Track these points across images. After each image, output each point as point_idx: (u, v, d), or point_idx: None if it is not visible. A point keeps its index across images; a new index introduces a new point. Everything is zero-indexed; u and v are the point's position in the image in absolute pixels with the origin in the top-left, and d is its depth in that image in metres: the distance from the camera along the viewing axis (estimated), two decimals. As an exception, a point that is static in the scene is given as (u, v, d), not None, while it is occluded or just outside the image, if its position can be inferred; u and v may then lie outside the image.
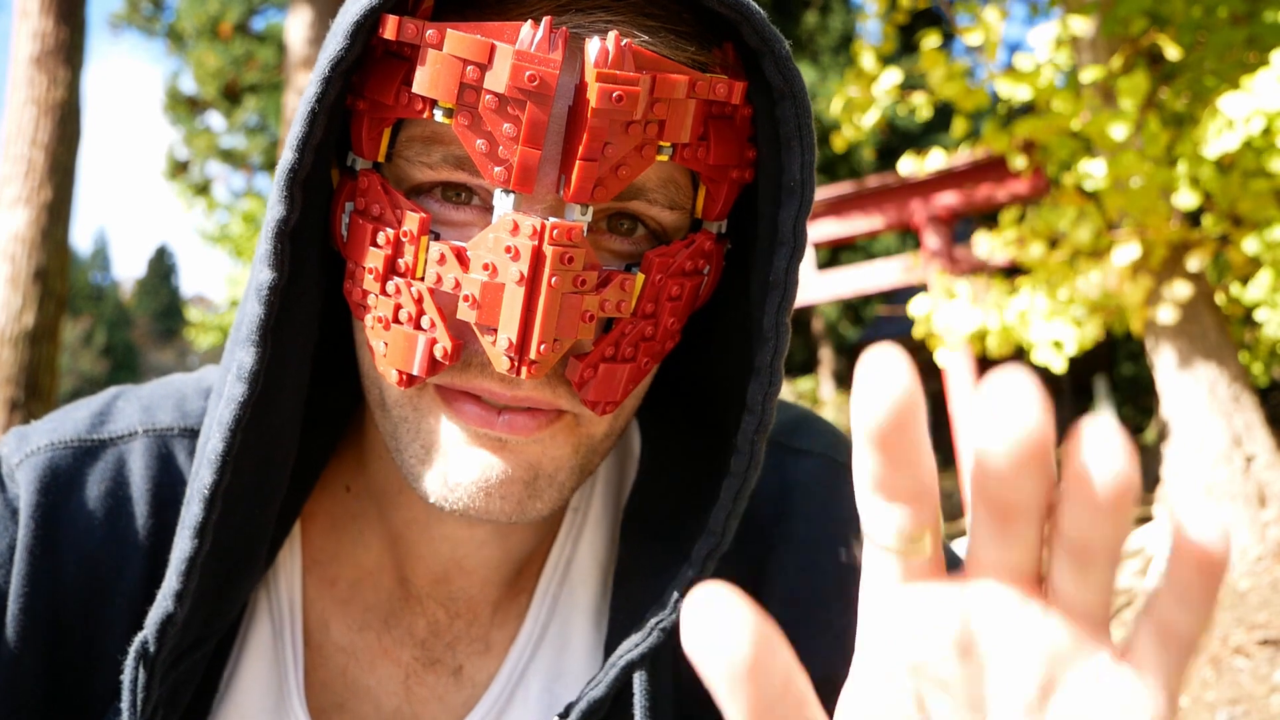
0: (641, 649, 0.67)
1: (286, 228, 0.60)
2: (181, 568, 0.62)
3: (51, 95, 5.73)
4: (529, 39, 0.56)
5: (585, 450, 0.67)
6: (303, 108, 0.59)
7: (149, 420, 0.75)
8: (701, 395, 0.78)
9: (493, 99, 0.56)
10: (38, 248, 5.54)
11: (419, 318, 0.62)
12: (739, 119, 0.64)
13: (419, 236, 0.61)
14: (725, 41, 0.63)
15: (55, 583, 0.69)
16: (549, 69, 0.55)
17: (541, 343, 0.57)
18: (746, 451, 0.66)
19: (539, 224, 0.57)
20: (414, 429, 0.65)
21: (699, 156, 0.62)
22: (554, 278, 0.57)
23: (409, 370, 0.62)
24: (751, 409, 0.65)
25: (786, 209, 0.63)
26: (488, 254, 0.58)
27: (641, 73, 0.57)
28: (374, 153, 0.62)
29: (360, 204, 0.63)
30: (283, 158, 0.60)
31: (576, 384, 0.63)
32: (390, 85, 0.60)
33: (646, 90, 0.57)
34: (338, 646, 0.76)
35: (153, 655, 0.63)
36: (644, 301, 0.64)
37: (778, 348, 0.64)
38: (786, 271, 0.63)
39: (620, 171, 0.59)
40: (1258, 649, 4.28)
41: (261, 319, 0.60)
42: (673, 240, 0.66)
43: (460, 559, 0.76)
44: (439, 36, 0.57)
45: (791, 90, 0.61)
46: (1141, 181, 4.53)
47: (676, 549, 0.71)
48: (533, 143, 0.56)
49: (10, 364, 5.37)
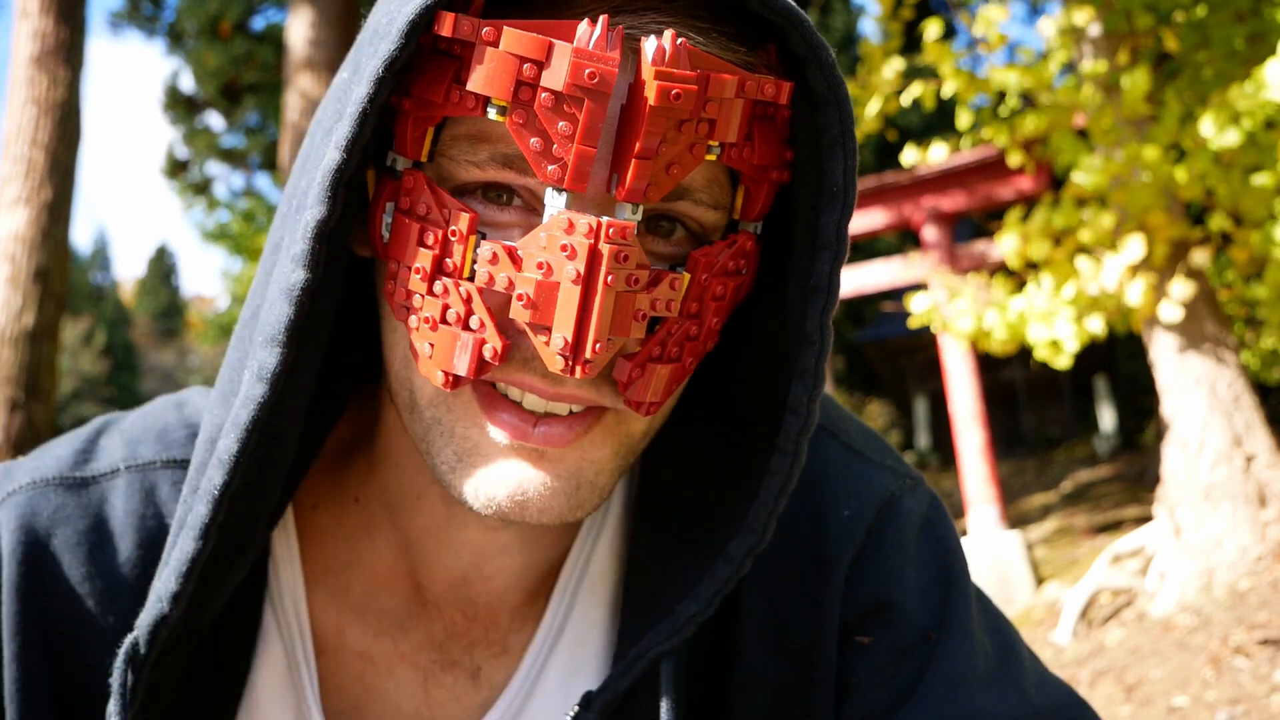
0: (674, 641, 0.68)
1: (327, 229, 0.59)
2: (183, 569, 0.62)
3: (51, 95, 5.73)
4: (587, 37, 0.56)
5: (625, 450, 0.68)
6: (353, 108, 0.58)
7: (131, 455, 0.76)
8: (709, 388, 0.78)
9: (549, 97, 0.56)
10: (38, 248, 5.54)
11: (467, 318, 0.61)
12: (779, 120, 0.64)
13: (468, 236, 0.60)
14: (770, 43, 0.64)
15: (45, 617, 0.70)
16: (608, 66, 0.55)
17: (596, 341, 0.57)
18: (790, 451, 0.66)
19: (595, 222, 0.57)
20: (447, 433, 0.65)
21: (744, 157, 0.63)
22: (610, 276, 0.57)
23: (456, 371, 0.61)
24: (796, 410, 0.66)
25: (828, 213, 0.63)
26: (541, 253, 0.58)
27: (695, 71, 0.57)
28: (418, 151, 0.62)
29: (405, 203, 0.63)
30: (326, 158, 0.58)
31: (623, 384, 0.63)
32: (440, 84, 0.60)
33: (700, 89, 0.57)
34: (354, 653, 0.77)
35: (143, 656, 0.63)
36: (689, 301, 0.64)
37: (822, 350, 0.65)
38: (830, 275, 0.64)
39: (672, 170, 0.59)
40: (1258, 649, 4.28)
41: (291, 319, 0.59)
42: (713, 241, 0.66)
43: (480, 565, 0.75)
44: (495, 34, 0.57)
45: (836, 97, 0.61)
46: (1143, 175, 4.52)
47: (695, 541, 0.72)
48: (589, 141, 0.56)
49: (10, 364, 5.37)
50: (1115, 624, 5.59)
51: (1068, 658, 5.43)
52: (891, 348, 18.60)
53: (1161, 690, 4.34)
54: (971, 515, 8.41)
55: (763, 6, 0.59)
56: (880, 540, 0.78)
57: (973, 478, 8.49)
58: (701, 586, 0.68)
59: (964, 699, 0.71)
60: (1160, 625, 5.12)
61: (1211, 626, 4.71)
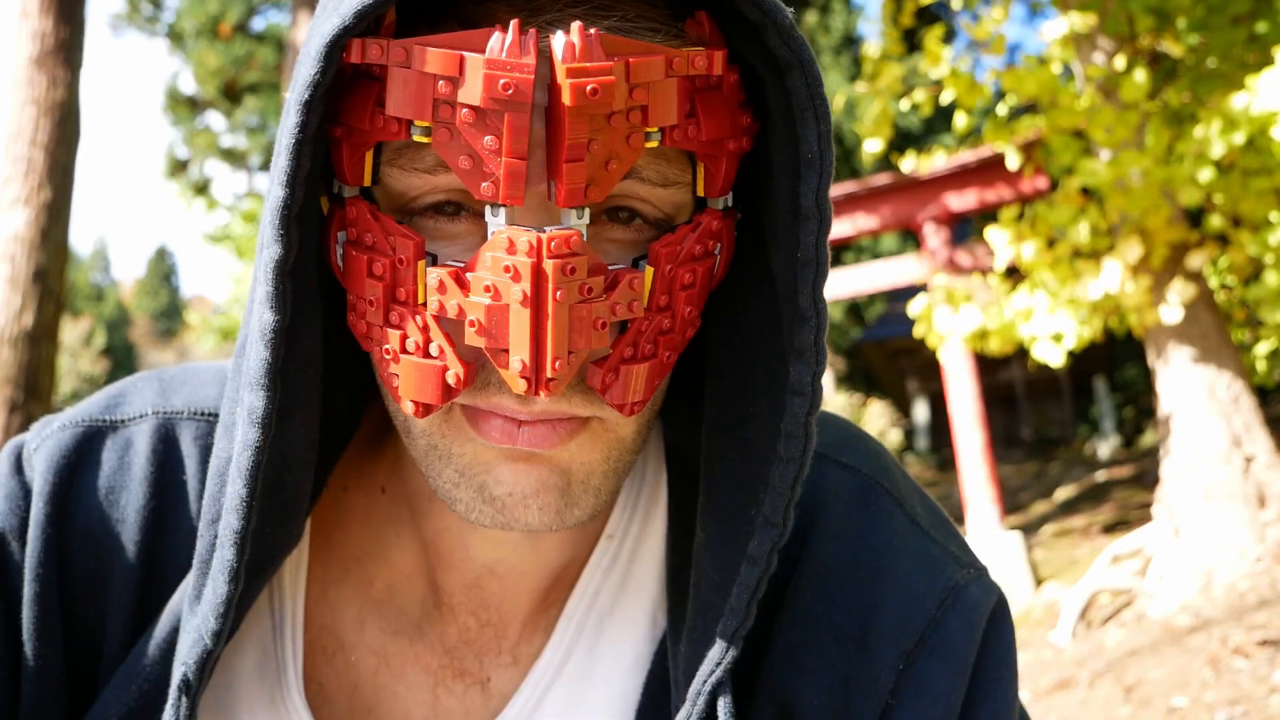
0: (725, 664, 0.65)
1: (286, 267, 0.57)
2: (220, 610, 0.62)
3: (51, 95, 5.73)
4: (499, 46, 0.53)
5: (616, 454, 0.66)
6: (285, 139, 0.56)
7: (162, 402, 0.77)
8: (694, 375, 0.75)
9: (469, 113, 0.54)
10: (37, 248, 5.54)
11: (427, 345, 0.60)
12: (726, 88, 0.61)
13: (414, 262, 0.58)
14: (698, 9, 0.60)
15: (64, 559, 0.71)
16: (523, 74, 0.53)
17: (556, 359, 0.55)
18: (799, 435, 0.63)
19: (534, 239, 0.55)
20: (444, 455, 0.64)
21: (690, 135, 0.59)
22: (559, 292, 0.55)
23: (425, 400, 0.60)
24: (799, 391, 0.62)
25: (807, 182, 0.60)
26: (488, 275, 0.56)
27: (614, 60, 0.54)
28: (358, 178, 0.60)
29: (352, 234, 0.61)
30: (271, 194, 0.57)
31: (599, 390, 0.61)
32: (364, 109, 0.57)
33: (622, 77, 0.54)
34: (371, 649, 0.76)
35: (195, 688, 0.64)
36: (656, 295, 0.62)
37: (819, 325, 0.61)
38: (816, 246, 0.60)
39: (610, 166, 0.56)
40: (1258, 649, 4.28)
41: (269, 363, 0.58)
42: (677, 224, 0.63)
43: (493, 564, 0.75)
44: (404, 54, 0.55)
45: (799, 60, 0.58)
46: (1141, 178, 4.53)
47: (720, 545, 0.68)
48: (516, 153, 0.54)
49: (10, 364, 5.37)
50: (1114, 625, 5.59)
51: (1067, 658, 5.43)
52: (891, 348, 18.60)
53: (1161, 691, 4.34)
54: (971, 516, 8.41)
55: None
56: (938, 641, 0.71)
57: (972, 478, 8.49)
58: (734, 598, 0.65)
59: None
60: (1159, 626, 5.12)
61: (1210, 627, 4.72)
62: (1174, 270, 5.17)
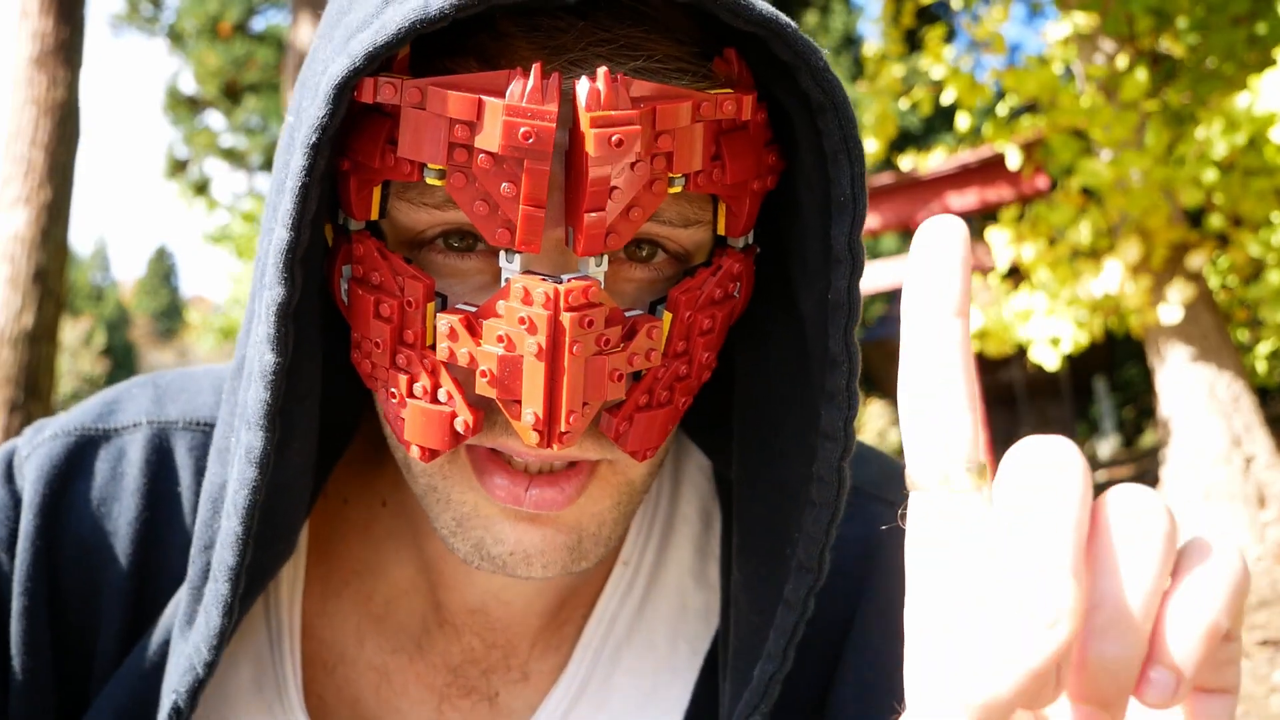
0: (764, 708, 0.64)
1: (289, 310, 0.55)
2: (213, 642, 0.62)
3: (51, 95, 5.73)
4: (520, 91, 0.51)
5: (626, 497, 0.65)
6: (292, 181, 0.53)
7: (156, 411, 0.75)
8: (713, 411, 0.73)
9: (486, 159, 0.52)
10: (37, 248, 5.53)
11: (435, 390, 0.57)
12: (753, 127, 0.59)
13: (423, 304, 0.56)
14: (727, 48, 0.59)
15: (54, 571, 0.70)
16: (545, 122, 0.50)
17: (570, 413, 0.53)
18: (832, 481, 0.61)
19: (552, 290, 0.52)
20: (444, 499, 0.63)
21: (715, 179, 0.57)
22: (575, 345, 0.53)
23: (431, 445, 0.58)
24: (832, 436, 0.61)
25: (839, 224, 0.58)
26: (501, 325, 0.54)
27: (640, 107, 0.52)
28: (365, 213, 0.58)
29: (358, 271, 0.59)
30: (275, 235, 0.54)
31: (613, 437, 0.59)
32: (375, 146, 0.55)
33: (648, 124, 0.52)
34: (370, 664, 0.75)
35: (186, 715, 0.63)
36: (674, 341, 0.60)
37: (851, 370, 0.60)
38: (849, 290, 0.59)
39: (632, 213, 0.54)
40: (1258, 649, 4.28)
41: (268, 404, 0.56)
42: (696, 263, 0.61)
43: (499, 590, 0.74)
44: (419, 95, 0.52)
45: (833, 102, 0.56)
46: (1142, 178, 4.53)
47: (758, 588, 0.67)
48: (535, 201, 0.52)
49: (9, 364, 5.37)
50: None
51: (1067, 659, 5.42)
52: (891, 348, 18.57)
53: (1161, 691, 4.33)
54: (971, 516, 8.40)
55: (735, 19, 0.53)
56: None
57: (972, 478, 8.47)
58: (772, 642, 0.64)
59: None
60: (1160, 626, 5.11)
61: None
62: (1174, 270, 5.17)
